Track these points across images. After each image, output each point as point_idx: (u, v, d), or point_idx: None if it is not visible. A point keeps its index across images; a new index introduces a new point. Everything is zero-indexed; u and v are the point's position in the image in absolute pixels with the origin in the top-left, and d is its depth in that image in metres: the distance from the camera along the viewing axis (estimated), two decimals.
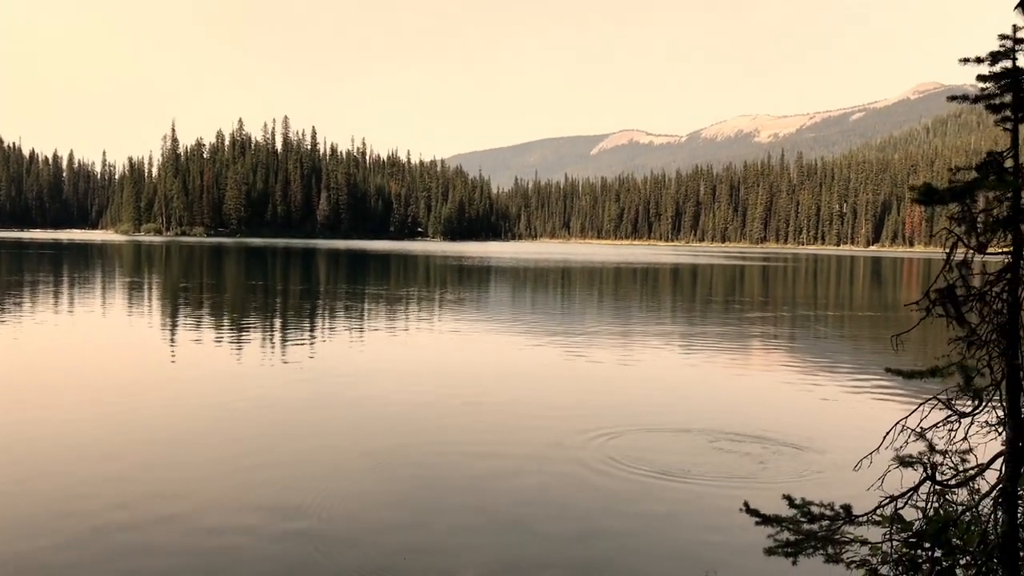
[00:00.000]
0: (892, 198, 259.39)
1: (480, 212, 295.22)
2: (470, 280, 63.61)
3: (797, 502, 5.94)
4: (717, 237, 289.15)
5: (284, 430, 14.52)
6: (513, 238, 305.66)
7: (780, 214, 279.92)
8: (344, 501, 10.74)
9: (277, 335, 27.91)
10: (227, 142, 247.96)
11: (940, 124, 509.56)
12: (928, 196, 5.35)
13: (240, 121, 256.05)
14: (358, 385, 18.96)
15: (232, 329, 29.31)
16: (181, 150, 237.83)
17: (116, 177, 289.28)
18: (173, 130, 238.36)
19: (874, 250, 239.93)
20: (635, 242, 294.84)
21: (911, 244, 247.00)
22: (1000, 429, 5.67)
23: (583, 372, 21.88)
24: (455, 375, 21.02)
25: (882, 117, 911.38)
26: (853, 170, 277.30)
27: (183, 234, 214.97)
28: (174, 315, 34.01)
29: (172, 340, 26.28)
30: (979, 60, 5.46)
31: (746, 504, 5.97)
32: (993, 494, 5.53)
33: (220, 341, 26.06)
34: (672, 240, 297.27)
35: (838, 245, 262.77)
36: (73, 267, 68.25)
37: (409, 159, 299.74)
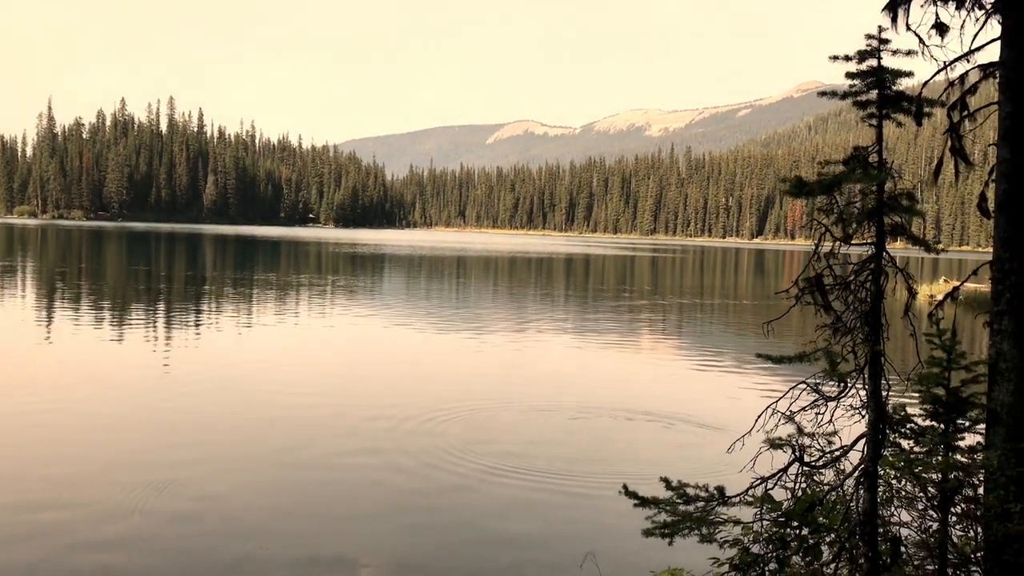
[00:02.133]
0: (775, 193, 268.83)
1: (374, 199, 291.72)
2: (363, 269, 62.85)
3: (674, 484, 6.09)
4: (609, 228, 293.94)
5: (152, 426, 13.96)
6: (408, 226, 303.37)
7: (669, 207, 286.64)
8: (197, 499, 10.42)
9: (158, 325, 26.98)
10: (108, 122, 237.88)
11: (821, 122, 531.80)
12: (798, 189, 5.55)
13: (122, 101, 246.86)
14: (230, 378, 18.43)
15: (111, 319, 28.12)
16: (58, 129, 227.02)
17: None
18: (49, 108, 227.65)
19: (758, 242, 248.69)
20: (530, 232, 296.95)
21: (793, 237, 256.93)
22: (863, 412, 5.92)
23: (467, 360, 21.93)
24: (335, 366, 20.81)
25: (767, 114, 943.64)
26: (739, 165, 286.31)
27: (60, 217, 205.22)
28: (48, 303, 32.40)
29: (46, 331, 25.04)
30: (847, 58, 5.68)
31: (624, 487, 6.09)
32: (856, 474, 5.79)
33: (99, 332, 24.97)
34: (566, 230, 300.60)
35: (724, 237, 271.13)
36: None
37: (300, 144, 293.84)
